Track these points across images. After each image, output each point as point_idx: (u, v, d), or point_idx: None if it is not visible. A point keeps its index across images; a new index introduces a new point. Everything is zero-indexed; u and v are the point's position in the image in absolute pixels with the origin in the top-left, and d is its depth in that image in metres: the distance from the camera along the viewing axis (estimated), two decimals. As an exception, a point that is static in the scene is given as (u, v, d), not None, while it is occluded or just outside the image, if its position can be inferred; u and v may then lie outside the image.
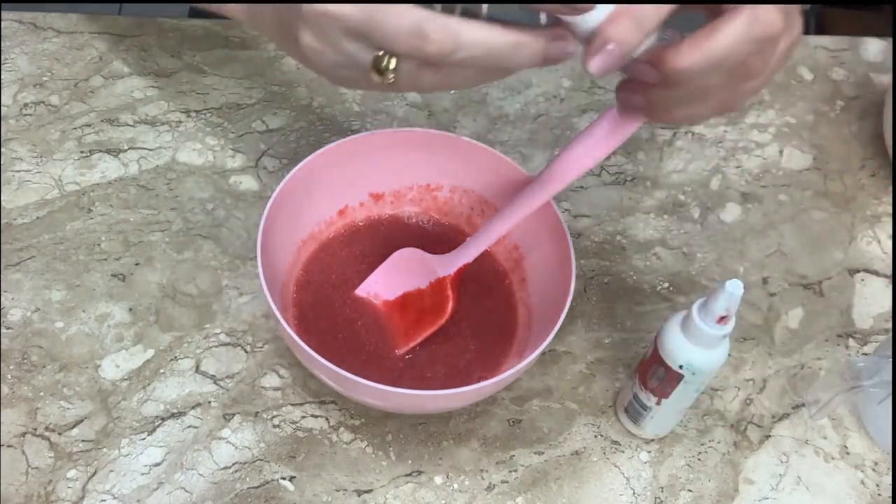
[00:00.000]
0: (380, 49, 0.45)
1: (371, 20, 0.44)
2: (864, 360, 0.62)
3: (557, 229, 0.65)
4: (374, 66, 0.46)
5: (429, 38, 0.43)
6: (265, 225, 0.61)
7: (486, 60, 0.44)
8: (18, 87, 0.79)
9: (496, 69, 0.46)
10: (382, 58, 0.45)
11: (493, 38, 0.44)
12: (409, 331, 0.66)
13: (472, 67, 0.45)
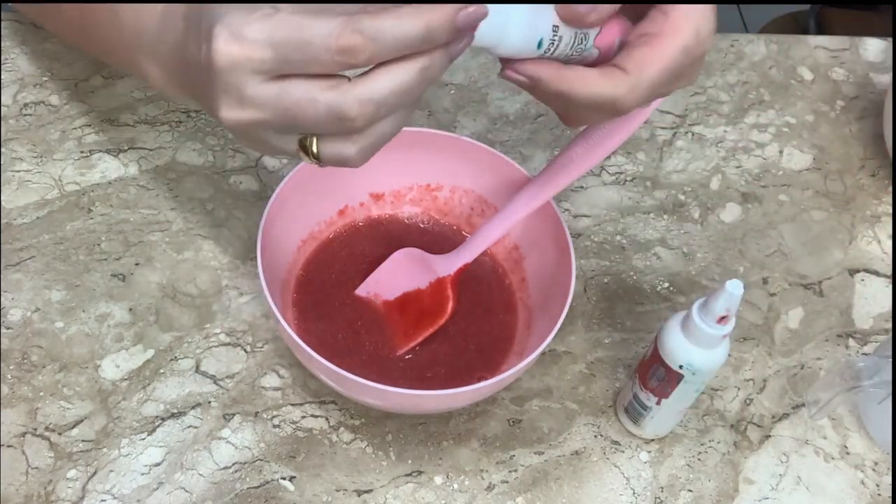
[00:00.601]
0: (303, 135, 0.46)
1: (286, 115, 0.44)
2: (864, 360, 0.62)
3: (557, 229, 0.65)
4: (301, 149, 0.46)
5: (348, 116, 0.43)
6: (265, 225, 0.61)
7: (407, 98, 0.44)
8: (18, 87, 0.79)
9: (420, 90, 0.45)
10: (306, 140, 0.46)
11: (405, 77, 0.43)
12: (408, 331, 0.66)
13: (395, 112, 0.45)
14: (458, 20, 0.42)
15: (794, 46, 0.91)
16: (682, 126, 0.84)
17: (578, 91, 0.48)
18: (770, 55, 0.90)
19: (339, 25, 0.41)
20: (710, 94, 0.86)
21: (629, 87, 0.49)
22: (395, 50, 0.42)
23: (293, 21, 0.42)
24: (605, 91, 0.48)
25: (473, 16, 0.43)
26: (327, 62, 0.42)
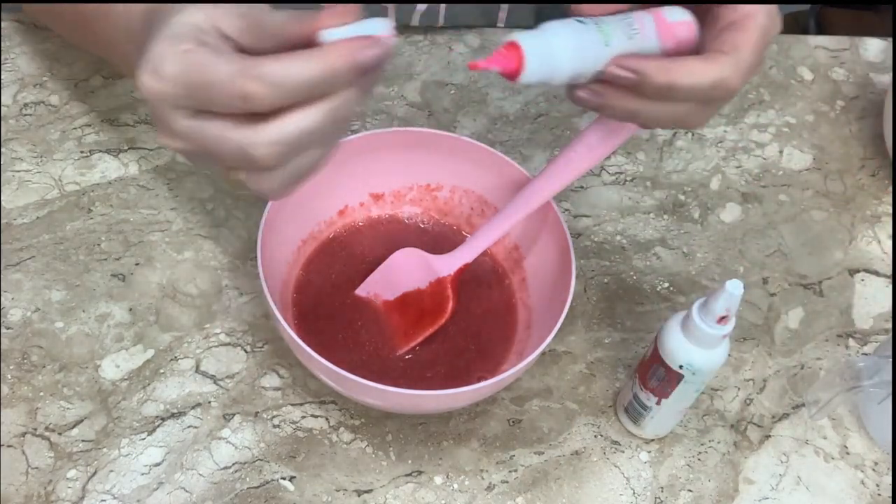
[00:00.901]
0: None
1: (205, 150, 0.44)
2: (864, 360, 0.62)
3: (557, 229, 0.65)
4: (228, 179, 0.47)
5: (255, 157, 0.43)
6: (265, 225, 0.61)
7: (319, 137, 0.44)
8: (18, 87, 0.79)
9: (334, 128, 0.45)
10: (230, 172, 0.46)
11: (314, 119, 0.43)
12: (408, 331, 0.66)
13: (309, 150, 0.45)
14: (360, 61, 0.43)
15: (794, 46, 0.91)
16: (682, 126, 0.84)
17: (684, 80, 0.49)
18: (770, 55, 0.90)
19: (238, 71, 0.41)
20: (710, 94, 0.86)
21: (733, 67, 0.49)
22: (298, 95, 0.42)
23: (201, 61, 0.42)
24: (711, 74, 0.49)
25: (376, 53, 0.43)
26: (232, 105, 0.42)
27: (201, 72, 0.42)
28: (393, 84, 0.83)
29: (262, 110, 0.42)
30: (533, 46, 0.47)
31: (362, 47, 0.43)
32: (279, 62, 0.42)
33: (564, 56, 0.48)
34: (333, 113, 0.43)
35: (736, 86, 0.50)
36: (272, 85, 0.41)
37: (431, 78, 0.84)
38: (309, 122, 0.43)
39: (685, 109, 0.51)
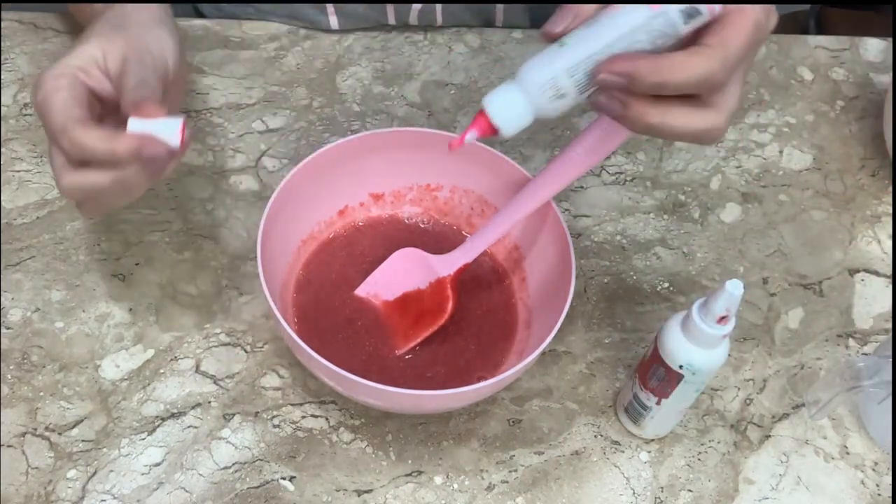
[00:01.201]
0: None
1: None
2: (864, 360, 0.62)
3: (557, 229, 0.65)
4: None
5: (63, 193, 0.56)
6: (265, 225, 0.61)
7: (108, 195, 0.56)
8: (18, 87, 0.79)
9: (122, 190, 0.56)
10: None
11: (100, 180, 0.55)
12: (408, 331, 0.66)
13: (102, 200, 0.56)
14: (141, 153, 0.53)
15: (794, 46, 0.91)
16: (682, 126, 0.84)
17: (675, 77, 0.48)
18: (770, 55, 0.90)
19: (62, 125, 0.54)
20: (710, 94, 0.86)
21: (721, 61, 0.48)
22: (93, 159, 0.54)
23: (54, 101, 0.55)
24: (699, 68, 0.48)
25: (157, 151, 0.54)
26: (58, 146, 0.55)
27: (49, 111, 0.55)
28: (393, 84, 0.83)
29: (73, 160, 0.55)
30: (497, 106, 0.48)
31: (145, 145, 0.54)
32: (85, 131, 0.54)
33: (524, 104, 0.48)
34: (121, 180, 0.55)
35: (721, 80, 0.49)
36: (74, 145, 0.54)
37: (431, 78, 0.84)
38: (96, 181, 0.55)
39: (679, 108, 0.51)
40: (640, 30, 0.47)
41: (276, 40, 0.85)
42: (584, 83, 0.48)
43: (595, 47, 0.47)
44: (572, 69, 0.48)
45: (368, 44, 0.86)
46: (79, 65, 0.58)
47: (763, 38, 0.51)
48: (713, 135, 0.51)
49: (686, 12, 0.47)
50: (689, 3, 0.47)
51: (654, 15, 0.47)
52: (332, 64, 0.84)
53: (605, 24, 0.48)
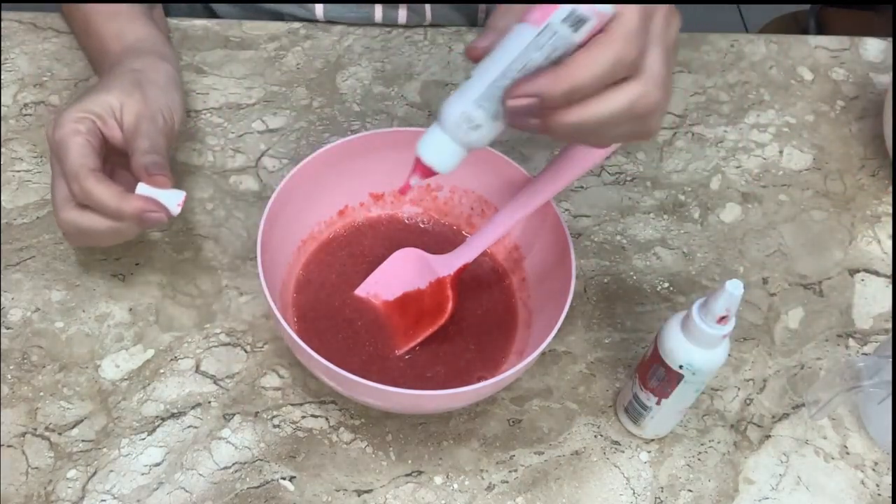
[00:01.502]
0: None
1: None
2: (864, 360, 0.62)
3: (557, 229, 0.65)
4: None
5: (60, 226, 0.63)
6: (265, 225, 0.61)
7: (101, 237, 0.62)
8: (18, 87, 0.79)
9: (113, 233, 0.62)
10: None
11: (97, 225, 0.62)
12: (408, 331, 0.66)
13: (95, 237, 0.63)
14: (142, 216, 0.61)
15: (794, 46, 0.91)
16: (682, 126, 0.84)
17: (582, 75, 0.46)
18: (770, 55, 0.90)
19: (75, 171, 0.60)
20: (710, 94, 0.86)
21: (622, 37, 0.46)
22: (97, 208, 0.61)
23: (72, 144, 0.61)
24: (602, 56, 0.46)
25: (157, 217, 0.61)
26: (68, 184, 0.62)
27: (66, 152, 0.61)
28: (393, 84, 0.83)
29: (78, 201, 0.61)
30: (427, 151, 0.50)
31: (149, 209, 0.61)
32: (97, 184, 0.60)
33: (449, 143, 0.49)
34: (115, 228, 0.62)
35: (632, 53, 0.46)
36: (84, 193, 0.60)
37: (431, 78, 0.84)
38: (93, 224, 0.61)
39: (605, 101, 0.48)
40: (531, 48, 0.46)
41: (276, 40, 0.85)
42: (493, 110, 0.48)
43: (494, 74, 0.47)
44: (479, 100, 0.48)
45: (368, 44, 0.86)
46: (99, 112, 0.64)
47: (659, 16, 0.48)
48: (646, 103, 0.48)
49: (570, 21, 0.45)
50: (573, 11, 0.45)
51: (540, 31, 0.46)
52: (332, 64, 0.84)
53: (499, 50, 0.47)
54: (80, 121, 0.63)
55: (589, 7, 0.45)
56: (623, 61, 0.46)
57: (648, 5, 0.48)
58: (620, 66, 0.46)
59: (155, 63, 0.69)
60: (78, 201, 0.61)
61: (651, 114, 0.49)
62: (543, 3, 0.46)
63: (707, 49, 0.90)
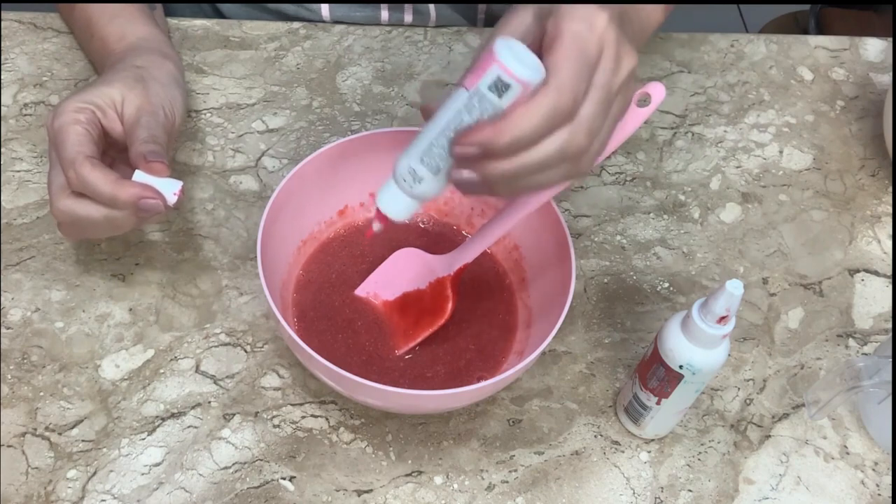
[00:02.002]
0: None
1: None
2: (864, 360, 0.62)
3: (557, 229, 0.65)
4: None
5: (53, 212, 0.62)
6: (265, 225, 0.61)
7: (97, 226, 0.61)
8: (18, 87, 0.79)
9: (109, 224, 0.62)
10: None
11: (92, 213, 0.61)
12: (408, 331, 0.66)
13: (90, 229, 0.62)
14: (139, 204, 0.60)
15: (794, 46, 0.91)
16: (682, 126, 0.84)
17: (522, 125, 0.48)
18: (770, 55, 0.90)
19: (72, 159, 0.60)
20: (710, 94, 0.86)
21: (556, 91, 0.48)
22: (92, 195, 0.60)
23: (71, 133, 0.61)
24: (537, 105, 0.48)
25: (153, 203, 0.60)
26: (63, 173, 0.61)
27: (63, 140, 0.61)
28: (393, 84, 0.83)
29: (73, 189, 0.60)
30: (384, 203, 0.55)
31: (146, 195, 0.60)
32: (94, 170, 0.59)
33: (401, 194, 0.54)
34: (112, 218, 0.61)
35: (567, 103, 0.49)
36: (80, 179, 0.59)
37: (431, 78, 0.84)
38: (89, 214, 0.61)
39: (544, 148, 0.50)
40: (463, 111, 0.50)
41: (276, 40, 0.85)
42: (434, 165, 0.52)
43: (433, 133, 0.51)
44: (422, 155, 0.52)
45: (368, 44, 0.86)
46: (99, 104, 0.63)
47: (601, 39, 0.50)
48: (576, 146, 0.50)
49: (494, 87, 0.48)
50: (498, 78, 0.48)
51: (471, 95, 0.49)
52: (332, 64, 0.84)
53: (440, 111, 0.51)
54: (80, 111, 0.62)
55: (511, 75, 0.48)
56: (559, 111, 0.49)
57: (589, 53, 0.49)
58: (557, 115, 0.49)
59: (157, 60, 0.69)
60: (74, 189, 0.61)
61: (581, 156, 0.51)
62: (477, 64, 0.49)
63: (707, 49, 0.90)
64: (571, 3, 0.51)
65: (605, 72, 0.50)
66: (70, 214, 0.61)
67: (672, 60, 0.88)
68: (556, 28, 0.49)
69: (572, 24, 0.49)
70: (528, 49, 0.49)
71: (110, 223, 0.61)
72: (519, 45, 0.49)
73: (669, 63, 0.88)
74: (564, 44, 0.49)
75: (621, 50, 0.51)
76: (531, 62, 0.49)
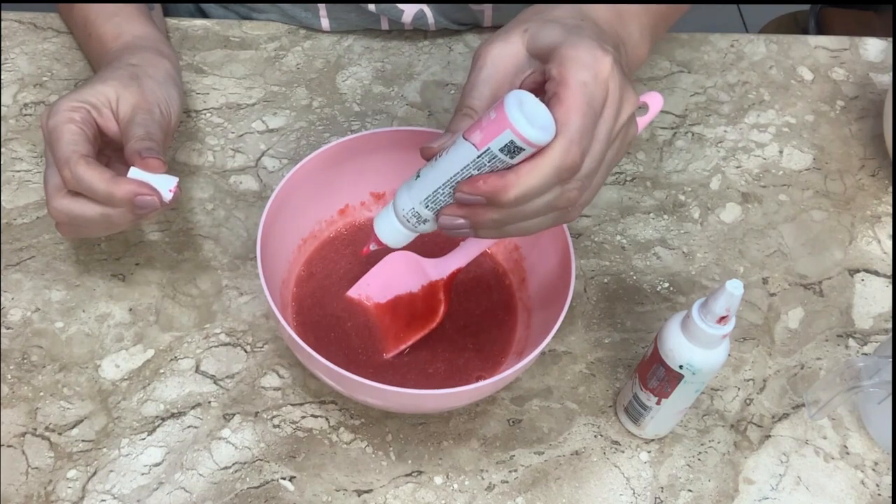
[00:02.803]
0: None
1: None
2: (864, 360, 0.62)
3: (557, 229, 0.64)
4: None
5: (50, 212, 0.62)
6: (265, 225, 0.61)
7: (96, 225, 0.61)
8: (18, 87, 0.79)
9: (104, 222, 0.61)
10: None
11: (89, 211, 0.60)
12: (399, 334, 0.66)
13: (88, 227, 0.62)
14: (134, 201, 0.59)
15: (794, 46, 0.91)
16: (682, 126, 0.84)
17: (530, 182, 0.49)
18: (770, 55, 0.90)
19: (66, 158, 0.59)
20: (710, 94, 0.86)
21: (566, 146, 0.48)
22: (87, 193, 0.59)
23: (64, 132, 0.61)
24: (546, 162, 0.48)
25: (149, 200, 0.59)
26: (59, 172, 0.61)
27: (58, 139, 0.60)
28: (393, 84, 0.83)
29: (69, 188, 0.60)
30: (382, 231, 0.56)
31: (141, 192, 0.59)
32: (88, 169, 0.59)
33: (400, 227, 0.55)
34: (108, 216, 0.60)
35: (576, 160, 0.49)
36: (75, 178, 0.59)
37: (431, 78, 0.84)
38: (84, 212, 0.60)
39: (545, 205, 0.51)
40: (471, 166, 0.50)
41: (276, 40, 0.85)
42: (438, 209, 0.53)
43: (440, 182, 0.52)
44: (426, 201, 0.53)
45: (368, 44, 0.86)
46: (94, 102, 0.63)
47: (605, 86, 0.50)
48: (566, 199, 0.51)
49: (507, 150, 0.49)
50: (512, 142, 0.48)
51: (479, 153, 0.49)
52: (332, 64, 0.84)
53: (445, 160, 0.51)
54: (74, 110, 0.62)
55: (525, 141, 0.48)
56: (567, 168, 0.49)
57: (595, 105, 0.49)
58: (564, 172, 0.49)
59: (153, 59, 0.69)
60: (69, 188, 0.60)
61: (571, 207, 0.52)
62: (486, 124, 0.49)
63: (707, 49, 0.90)
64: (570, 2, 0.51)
65: (606, 121, 0.51)
66: (66, 214, 0.61)
67: (672, 60, 0.88)
68: (562, 77, 0.49)
69: (579, 73, 0.49)
70: (538, 102, 0.49)
71: (107, 221, 0.61)
72: (529, 100, 0.49)
73: (669, 63, 0.88)
74: (573, 96, 0.49)
75: (624, 94, 0.51)
76: (543, 122, 0.49)
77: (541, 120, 0.49)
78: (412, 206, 0.54)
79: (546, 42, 0.51)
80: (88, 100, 0.63)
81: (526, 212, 0.51)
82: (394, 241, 0.56)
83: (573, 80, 0.49)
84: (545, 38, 0.52)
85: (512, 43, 0.53)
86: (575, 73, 0.49)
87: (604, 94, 0.50)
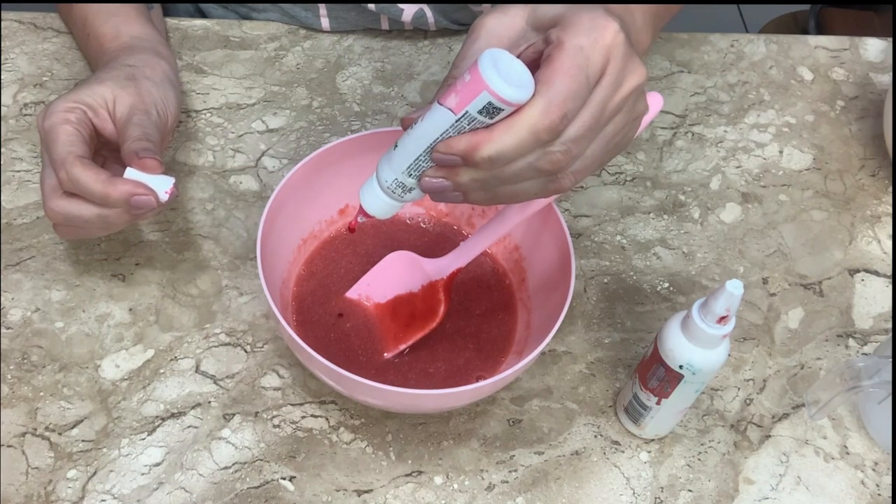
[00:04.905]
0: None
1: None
2: (864, 360, 0.62)
3: (557, 229, 0.65)
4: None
5: (47, 212, 0.62)
6: (265, 225, 0.61)
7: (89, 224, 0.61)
8: (18, 87, 0.79)
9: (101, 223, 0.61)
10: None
11: (85, 212, 0.61)
12: (398, 334, 0.66)
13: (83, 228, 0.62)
14: (131, 201, 0.59)
15: (794, 46, 0.91)
16: (682, 126, 0.84)
17: (506, 139, 0.47)
18: (770, 55, 0.90)
19: (61, 159, 0.59)
20: (710, 94, 0.86)
21: (543, 106, 0.47)
22: (84, 195, 0.60)
23: (61, 133, 0.61)
24: (522, 120, 0.47)
25: (145, 200, 0.60)
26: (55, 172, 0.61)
27: (54, 140, 0.61)
28: (393, 84, 0.83)
29: (65, 189, 0.60)
30: (368, 202, 0.55)
31: (137, 192, 0.59)
32: (84, 169, 0.59)
33: (386, 198, 0.54)
34: (104, 217, 0.61)
35: (554, 120, 0.47)
36: (71, 179, 0.59)
37: (431, 78, 0.84)
38: (81, 213, 0.60)
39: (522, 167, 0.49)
40: (451, 130, 0.49)
41: (276, 40, 0.85)
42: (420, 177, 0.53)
43: (420, 149, 0.51)
44: (409, 170, 0.52)
45: (368, 44, 0.86)
46: (90, 103, 0.63)
47: (607, 53, 0.48)
48: (550, 161, 0.49)
49: (485, 111, 0.47)
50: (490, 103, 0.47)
51: (458, 117, 0.48)
52: (332, 64, 0.84)
53: (423, 127, 0.50)
54: (70, 110, 0.62)
55: (501, 100, 0.47)
56: (544, 129, 0.47)
57: (590, 69, 0.47)
58: (542, 133, 0.47)
59: (150, 59, 0.69)
60: (65, 189, 0.60)
61: (558, 171, 0.50)
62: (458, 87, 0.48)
63: (707, 49, 0.90)
64: (570, 2, 0.50)
65: (604, 88, 0.48)
66: (63, 214, 0.61)
67: (672, 60, 0.88)
68: (559, 40, 0.48)
69: (577, 37, 0.47)
70: (514, 59, 0.48)
71: (103, 222, 0.61)
72: (505, 58, 0.47)
73: (669, 63, 0.88)
74: (562, 58, 0.47)
75: (628, 65, 0.49)
76: (520, 79, 0.47)
77: (517, 78, 0.47)
78: (395, 177, 0.52)
79: (550, 13, 0.50)
80: (85, 100, 0.63)
81: (507, 174, 0.49)
82: (381, 212, 0.55)
83: (569, 43, 0.47)
84: (549, 9, 0.50)
85: (510, 15, 0.51)
86: (573, 37, 0.47)
87: (602, 60, 0.48)
